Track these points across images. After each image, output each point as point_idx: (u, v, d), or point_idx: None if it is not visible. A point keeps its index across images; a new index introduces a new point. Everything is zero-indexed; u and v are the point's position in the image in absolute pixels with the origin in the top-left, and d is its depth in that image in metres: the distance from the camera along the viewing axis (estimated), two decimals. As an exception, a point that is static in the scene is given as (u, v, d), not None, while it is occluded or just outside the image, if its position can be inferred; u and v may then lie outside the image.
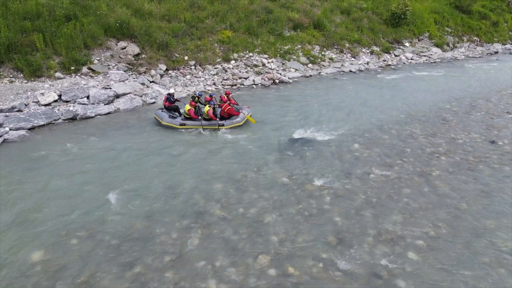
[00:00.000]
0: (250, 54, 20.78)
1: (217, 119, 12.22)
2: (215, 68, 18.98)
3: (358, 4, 29.40)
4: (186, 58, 18.70)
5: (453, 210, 8.10)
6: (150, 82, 16.42)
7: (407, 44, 27.58)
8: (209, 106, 12.24)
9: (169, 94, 13.19)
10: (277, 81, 19.00)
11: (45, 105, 13.19)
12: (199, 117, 12.29)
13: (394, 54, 25.80)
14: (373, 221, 7.70)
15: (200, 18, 21.43)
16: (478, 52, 29.40)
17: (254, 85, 18.32)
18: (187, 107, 12.34)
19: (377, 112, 14.51)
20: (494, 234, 7.29)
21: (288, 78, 19.72)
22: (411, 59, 25.59)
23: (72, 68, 15.50)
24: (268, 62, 20.60)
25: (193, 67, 18.54)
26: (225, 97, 13.52)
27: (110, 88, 14.68)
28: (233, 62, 19.77)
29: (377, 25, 27.88)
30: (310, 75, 20.62)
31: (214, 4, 23.01)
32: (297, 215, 7.88)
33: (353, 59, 23.86)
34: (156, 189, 8.70)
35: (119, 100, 14.47)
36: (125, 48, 17.34)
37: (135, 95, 14.96)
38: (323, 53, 23.34)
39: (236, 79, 18.59)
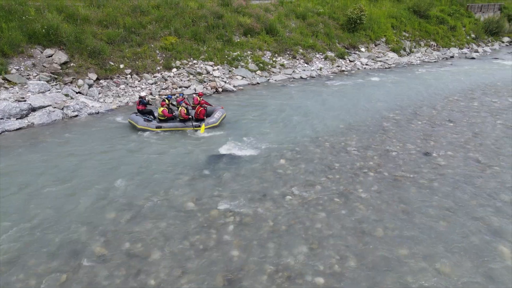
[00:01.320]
0: (195, 61, 19.77)
1: (190, 117, 12.48)
2: (153, 77, 17.85)
3: (314, 8, 28.91)
4: (121, 66, 17.50)
5: (367, 237, 7.30)
6: (76, 93, 15.13)
7: (363, 49, 27.23)
8: (182, 106, 12.47)
9: (141, 97, 13.21)
10: (220, 89, 18.05)
11: None
12: (176, 118, 12.54)
13: (349, 60, 25.34)
14: (274, 255, 6.79)
15: (142, 23, 20.27)
16: (434, 56, 29.40)
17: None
18: (160, 108, 12.44)
19: (316, 122, 13.75)
20: (404, 267, 6.50)
21: (233, 86, 18.80)
22: (366, 64, 25.20)
23: (-15, 79, 14.06)
24: (213, 70, 19.63)
25: (129, 76, 17.36)
26: (198, 99, 13.51)
27: (25, 101, 13.34)
28: (174, 70, 18.70)
29: (333, 30, 27.42)
30: (258, 83, 19.78)
31: (159, 9, 21.89)
32: (189, 250, 6.89)
33: (306, 65, 23.21)
34: (32, 218, 7.52)
35: (35, 114, 13.16)
36: (51, 56, 15.98)
37: (54, 107, 13.66)
38: (274, 59, 22.58)
39: (176, 88, 17.51)
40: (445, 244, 7.04)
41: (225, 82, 19.08)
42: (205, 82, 18.56)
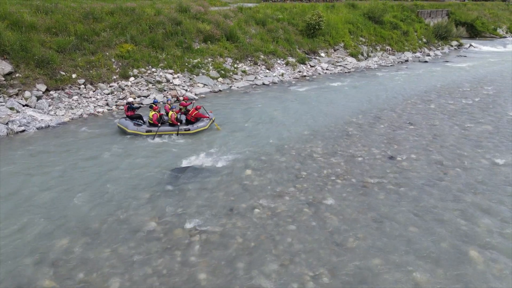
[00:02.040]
0: (154, 69, 19.02)
1: (178, 124, 12.67)
2: (109, 87, 16.92)
3: (273, 15, 28.96)
4: (74, 76, 16.44)
5: (339, 249, 7.06)
6: (23, 106, 13.98)
7: (322, 55, 27.59)
8: (172, 111, 12.69)
9: (128, 103, 13.42)
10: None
11: None
12: (159, 124, 12.55)
13: (310, 65, 25.54)
14: (244, 275, 6.37)
15: (96, 30, 19.24)
16: (390, 61, 30.37)
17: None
18: (151, 113, 12.59)
19: (281, 129, 13.52)
20: (379, 279, 6.30)
21: (195, 94, 18.26)
22: (327, 69, 25.50)
23: None
24: (174, 78, 18.98)
25: (82, 86, 16.33)
26: (185, 103, 13.70)
27: (-37, 117, 12.08)
28: (132, 79, 17.86)
29: (293, 36, 27.59)
30: (220, 90, 19.35)
31: (114, 15, 20.93)
32: (152, 276, 6.31)
33: (267, 71, 23.08)
34: (-31, 257, 6.62)
35: (-25, 131, 11.92)
36: (-7, 66, 14.68)
37: (-3, 123, 12.48)
38: (235, 65, 22.26)
39: (134, 98, 16.69)
40: (417, 252, 6.95)
41: (186, 90, 18.48)
42: (165, 90, 17.87)
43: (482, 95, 19.19)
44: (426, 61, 31.08)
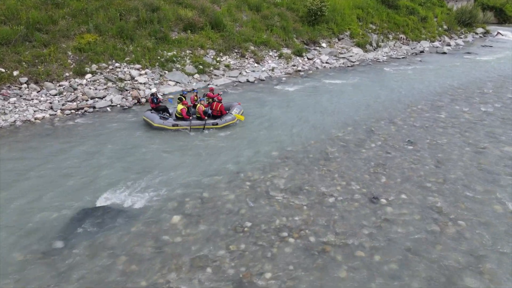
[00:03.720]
0: (117, 64, 16.51)
1: (206, 118, 11.96)
2: (59, 86, 14.53)
3: (271, -2, 25.84)
4: (15, 73, 14.11)
5: None
6: None
7: (324, 45, 24.42)
8: (200, 103, 12.10)
9: (152, 94, 12.75)
10: (143, 100, 14.90)
11: None
12: (191, 117, 12.01)
13: (307, 57, 22.51)
14: None
15: (54, 18, 16.79)
16: (402, 51, 26.89)
17: (109, 107, 14.13)
18: (180, 106, 11.91)
19: (244, 149, 10.91)
20: None
21: (162, 94, 15.69)
22: (326, 62, 22.43)
23: None
24: (140, 75, 16.43)
25: (24, 85, 13.99)
26: (212, 94, 13.08)
27: None
28: (89, 76, 15.42)
29: (291, 23, 24.47)
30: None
31: (80, 0, 18.40)
32: None
33: (256, 65, 20.23)
34: None
35: None
36: None
37: None
38: (218, 59, 19.50)
39: (86, 100, 14.28)
40: None
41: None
42: (126, 90, 15.36)
43: (506, 101, 15.93)
44: (444, 52, 27.48)
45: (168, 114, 12.51)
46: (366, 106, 15.00)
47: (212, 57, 19.46)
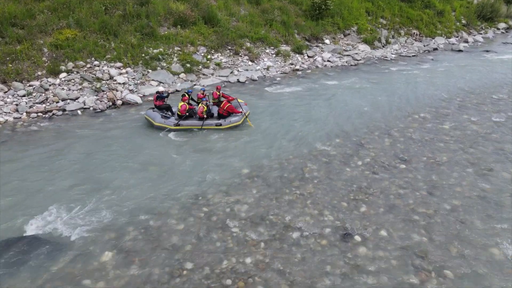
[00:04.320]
0: (96, 62, 15.45)
1: (204, 117, 11.51)
2: (28, 86, 13.59)
3: (273, -9, 24.24)
4: (-18, 72, 13.21)
5: None
6: None
7: (327, 41, 22.79)
8: (201, 104, 11.56)
9: (158, 92, 12.16)
10: (119, 102, 13.82)
11: None
12: (195, 115, 11.66)
13: (307, 55, 20.97)
14: None
15: (32, 12, 15.83)
16: (414, 49, 24.97)
17: (81, 110, 13.12)
18: (180, 104, 11.52)
19: (211, 166, 9.70)
20: None
21: (143, 95, 14.59)
22: (328, 60, 20.85)
23: None
24: (120, 74, 15.34)
25: (-9, 85, 13.10)
26: (217, 93, 12.60)
27: None
28: (64, 75, 14.42)
29: (293, 18, 22.90)
30: (177, 90, 15.51)
31: (64, -8, 17.38)
32: None
33: (250, 63, 18.88)
34: None
35: None
36: None
37: None
38: (209, 56, 18.23)
39: (57, 102, 13.30)
40: None
41: (133, 90, 14.83)
42: (103, 91, 14.31)
43: (522, 109, 14.16)
44: (460, 50, 25.42)
45: (170, 113, 12.04)
46: (361, 113, 13.52)
47: (202, 54, 18.21)
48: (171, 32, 18.29)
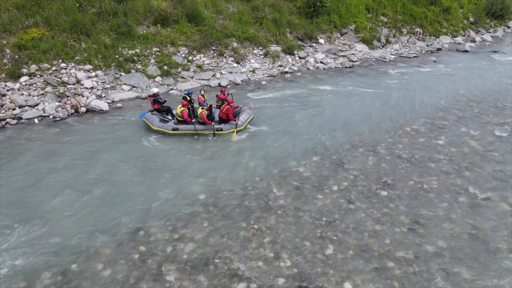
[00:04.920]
0: (63, 64, 14.30)
1: (212, 123, 10.92)
2: (-17, 92, 12.50)
3: (266, -14, 22.82)
4: None
5: None
6: None
7: (322, 41, 21.36)
8: (202, 108, 10.88)
9: (153, 95, 11.64)
10: (82, 109, 12.67)
11: None
12: (193, 120, 11.03)
13: (299, 56, 19.60)
14: None
15: (-2, 9, 14.73)
16: (416, 49, 23.39)
17: (38, 119, 12.02)
18: (180, 108, 11.00)
19: (154, 194, 8.47)
20: None
21: (109, 102, 13.42)
22: (321, 62, 19.47)
23: None
24: (88, 77, 14.18)
25: None
26: (222, 95, 11.99)
27: None
28: (25, 79, 13.31)
29: (286, 16, 21.50)
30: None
31: (35, -12, 16.22)
32: None
33: (235, 65, 17.59)
34: None
35: None
36: None
37: None
38: (191, 58, 16.98)
39: (14, 109, 12.20)
40: None
41: (101, 96, 13.66)
42: (67, 97, 13.17)
43: (529, 121, 12.67)
44: (466, 51, 23.81)
45: (171, 116, 11.61)
46: (348, 124, 12.19)
47: (183, 55, 16.97)
48: (150, 31, 17.08)
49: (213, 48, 17.98)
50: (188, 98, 11.43)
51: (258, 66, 17.86)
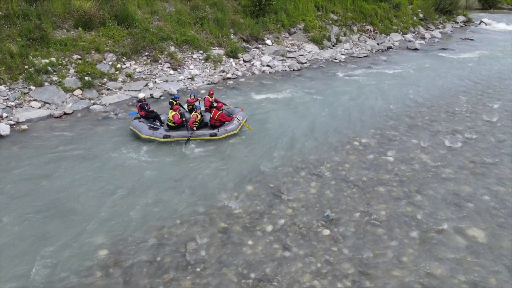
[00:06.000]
0: (-44, 79, 11.92)
1: (194, 128, 10.29)
2: None
3: (208, -17, 21.09)
4: None
5: None
6: None
7: (268, 42, 20.03)
8: (195, 113, 10.45)
9: (140, 100, 11.06)
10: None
11: None
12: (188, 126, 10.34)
13: (244, 59, 18.13)
14: None
15: None
16: (367, 48, 22.64)
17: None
18: (171, 113, 10.45)
19: (91, 230, 6.70)
20: None
21: (13, 124, 11.29)
22: (267, 65, 18.12)
23: None
24: (-13, 94, 11.90)
25: None
26: (210, 99, 11.60)
27: None
28: None
29: (230, 15, 19.93)
30: (66, 113, 12.29)
31: None
32: None
33: (172, 72, 15.83)
34: None
35: None
36: None
37: None
38: (119, 66, 15.01)
39: None
40: None
41: (1, 117, 11.47)
42: (-43, 119, 10.88)
43: (481, 127, 12.00)
44: (416, 49, 23.38)
45: (159, 123, 11.01)
46: (289, 141, 10.89)
47: (110, 63, 14.97)
48: (70, 36, 14.92)
49: (146, 53, 16.11)
50: (175, 103, 10.89)
51: (197, 73, 16.21)
